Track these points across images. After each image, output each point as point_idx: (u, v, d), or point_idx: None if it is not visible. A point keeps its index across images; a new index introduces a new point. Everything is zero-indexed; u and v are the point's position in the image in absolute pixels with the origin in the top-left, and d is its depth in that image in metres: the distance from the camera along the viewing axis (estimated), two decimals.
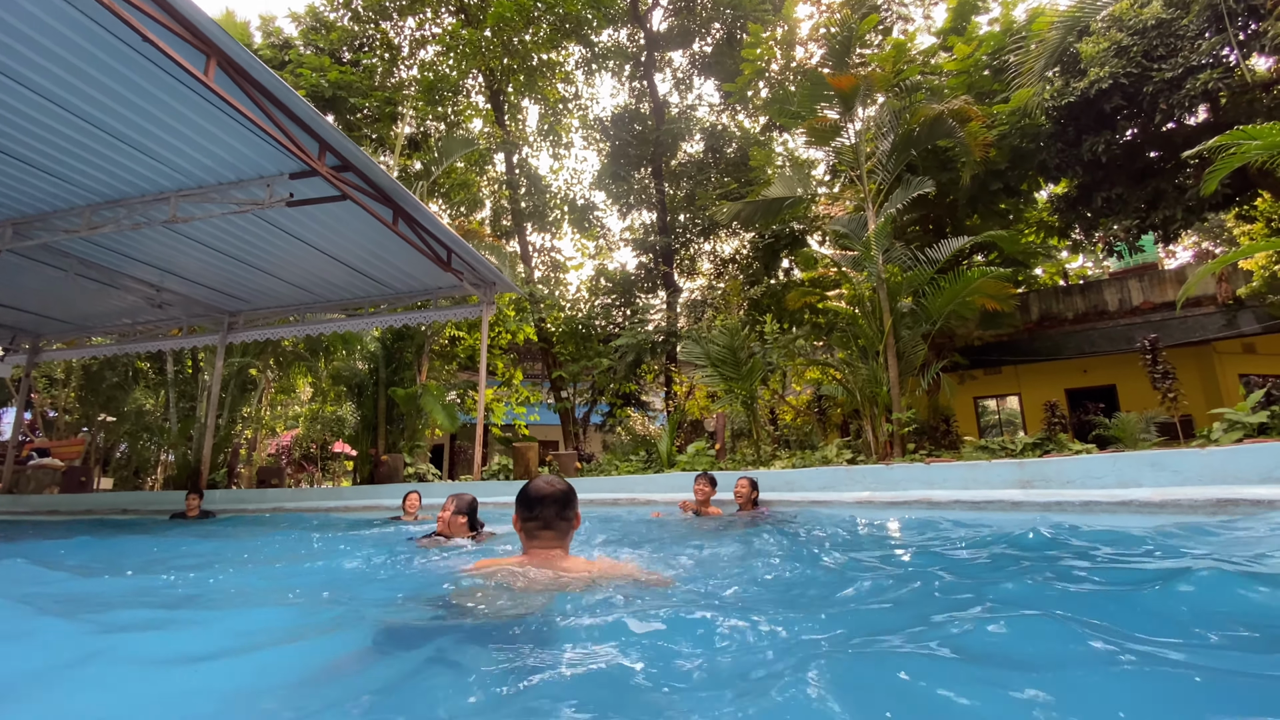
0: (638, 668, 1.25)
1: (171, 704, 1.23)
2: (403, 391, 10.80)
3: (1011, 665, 1.21)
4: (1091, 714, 0.97)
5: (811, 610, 1.91)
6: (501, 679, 1.22)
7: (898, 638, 1.38)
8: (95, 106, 5.69)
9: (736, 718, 0.99)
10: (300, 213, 7.55)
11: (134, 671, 1.41)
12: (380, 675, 1.37)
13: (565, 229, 20.84)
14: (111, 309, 10.68)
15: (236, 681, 1.35)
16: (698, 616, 1.62)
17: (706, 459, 9.70)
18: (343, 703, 1.18)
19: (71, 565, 3.61)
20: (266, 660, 1.50)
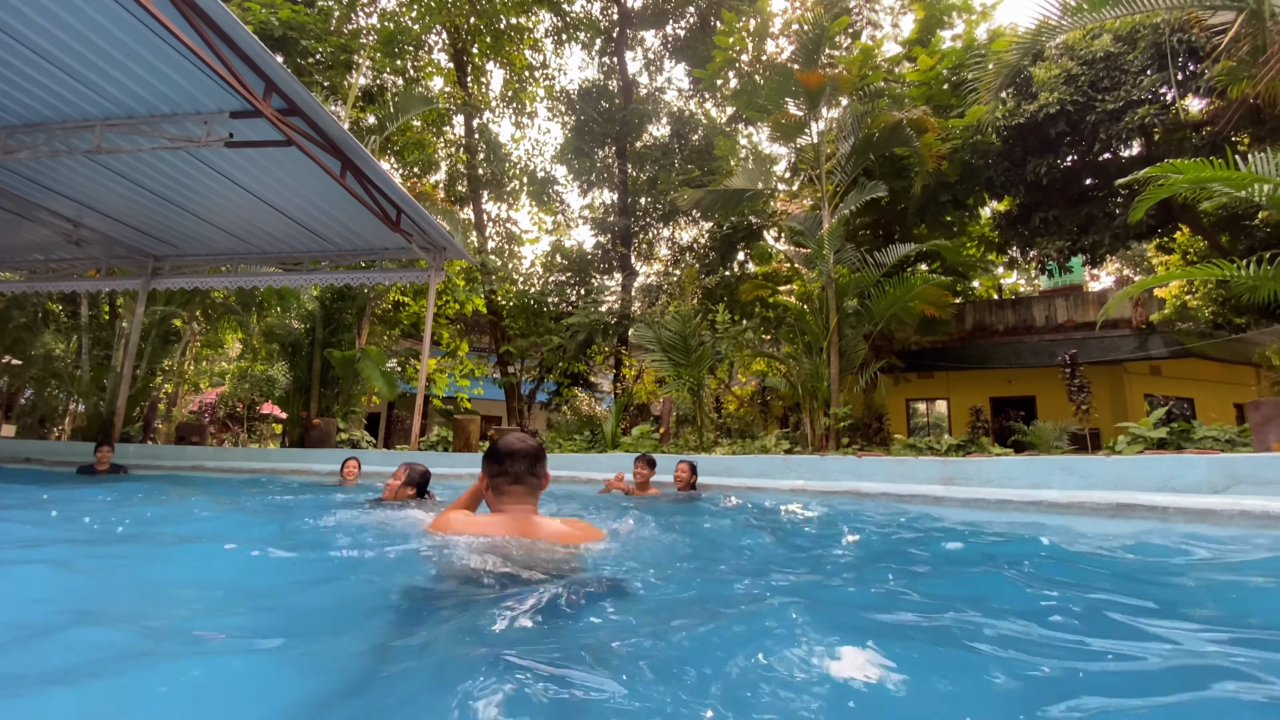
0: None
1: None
2: (340, 354, 10.39)
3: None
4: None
5: (719, 575, 1.98)
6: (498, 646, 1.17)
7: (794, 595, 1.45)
8: (18, 19, 5.16)
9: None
10: (240, 155, 7.11)
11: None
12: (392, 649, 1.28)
13: (523, 201, 20.45)
14: (21, 243, 9.81)
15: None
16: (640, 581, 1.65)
17: (651, 441, 9.79)
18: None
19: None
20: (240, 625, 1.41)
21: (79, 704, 0.90)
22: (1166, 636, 1.33)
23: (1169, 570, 2.32)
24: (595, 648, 1.14)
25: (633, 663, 1.07)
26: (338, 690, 0.93)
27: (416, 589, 1.57)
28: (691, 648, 1.18)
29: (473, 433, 10.45)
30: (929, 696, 0.98)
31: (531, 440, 2.13)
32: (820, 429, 8.63)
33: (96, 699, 0.90)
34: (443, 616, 1.34)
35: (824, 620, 1.35)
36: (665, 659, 1.10)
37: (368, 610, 1.42)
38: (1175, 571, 2.30)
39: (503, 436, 2.16)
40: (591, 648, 1.14)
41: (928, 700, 0.97)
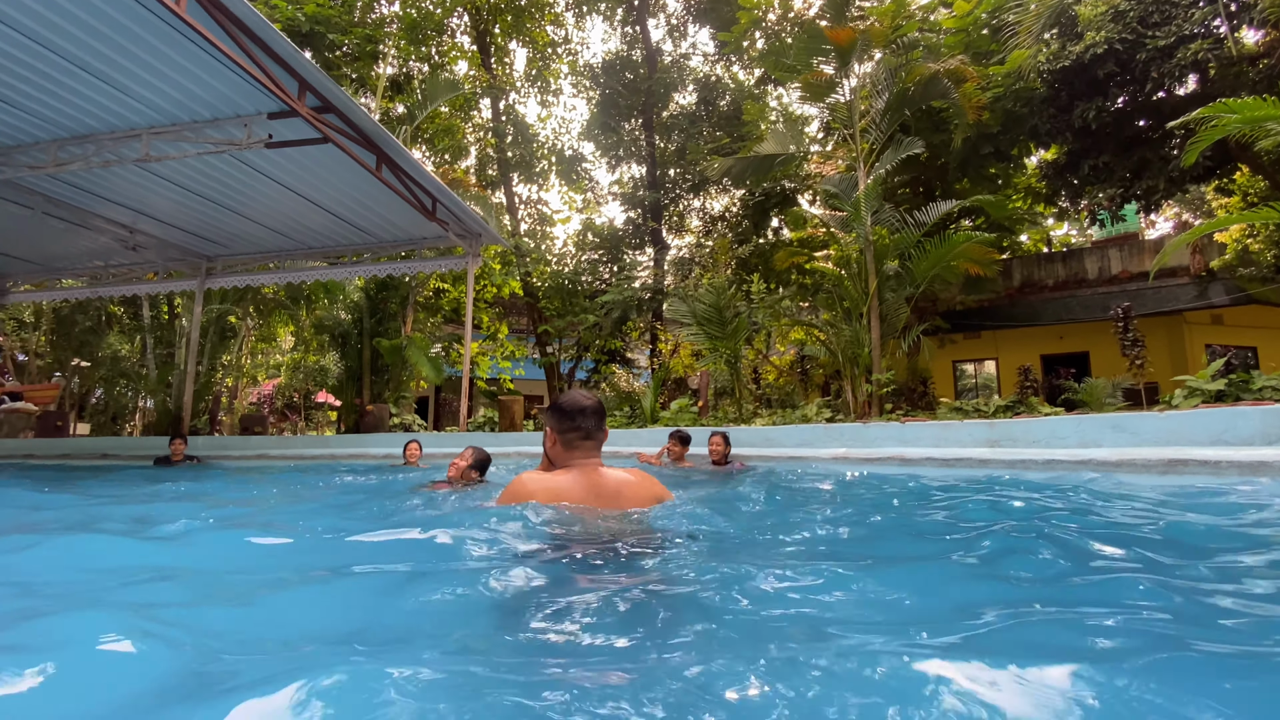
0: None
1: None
2: (387, 343, 10.74)
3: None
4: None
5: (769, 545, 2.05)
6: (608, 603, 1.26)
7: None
8: (60, 35, 5.41)
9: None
10: (280, 155, 7.33)
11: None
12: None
13: (552, 180, 20.46)
14: (82, 250, 10.38)
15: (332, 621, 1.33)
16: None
17: (689, 415, 9.87)
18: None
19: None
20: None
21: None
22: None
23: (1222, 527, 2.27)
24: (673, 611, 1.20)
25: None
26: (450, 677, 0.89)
27: (507, 569, 1.53)
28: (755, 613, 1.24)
29: (517, 413, 10.71)
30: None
31: (594, 396, 2.19)
32: (862, 396, 8.54)
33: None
34: (535, 600, 1.33)
35: (870, 585, 1.40)
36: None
37: (464, 597, 1.35)
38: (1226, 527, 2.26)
39: (567, 394, 2.19)
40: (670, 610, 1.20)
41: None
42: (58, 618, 1.16)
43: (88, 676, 0.91)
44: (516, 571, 1.49)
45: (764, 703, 0.79)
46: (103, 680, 0.90)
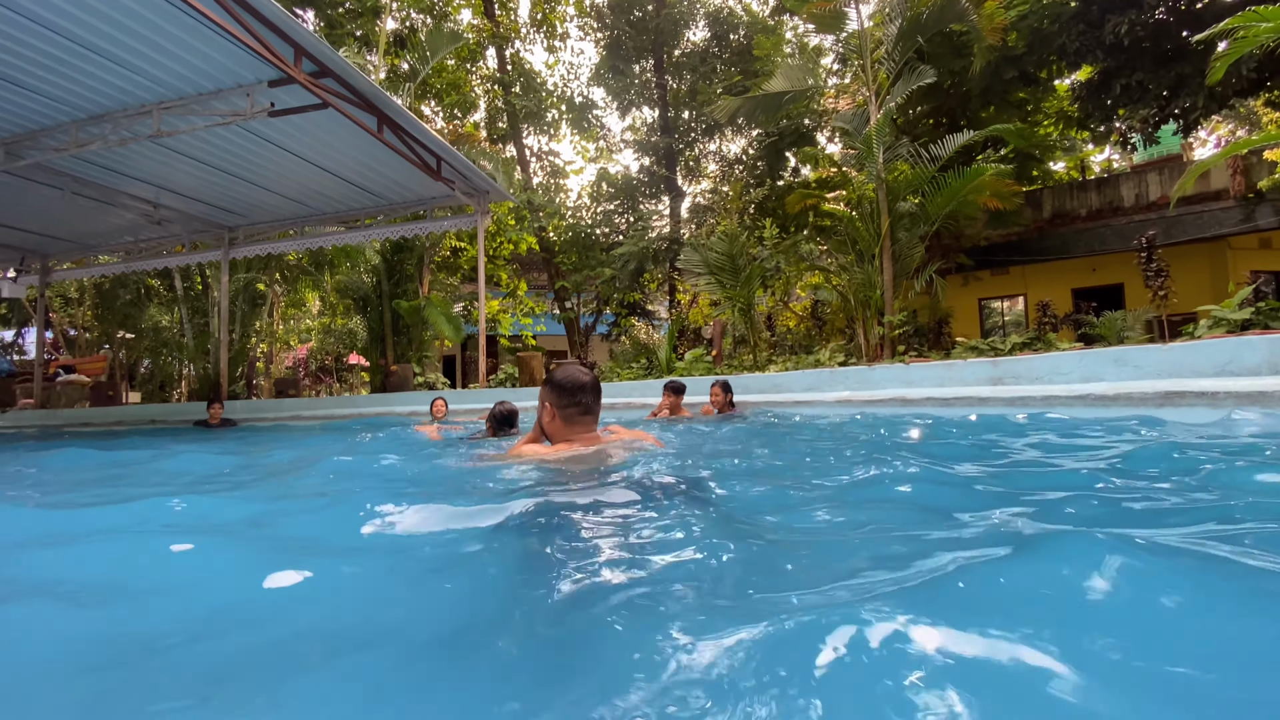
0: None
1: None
2: (406, 304, 11.00)
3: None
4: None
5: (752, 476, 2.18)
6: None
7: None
8: (66, 19, 5.51)
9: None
10: (286, 124, 7.41)
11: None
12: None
13: (564, 130, 20.12)
14: (112, 227, 10.76)
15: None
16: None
17: (704, 365, 9.97)
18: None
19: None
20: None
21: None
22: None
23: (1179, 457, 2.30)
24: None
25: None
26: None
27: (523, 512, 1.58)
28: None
29: (536, 368, 10.95)
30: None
31: (591, 373, 2.27)
32: (874, 339, 8.50)
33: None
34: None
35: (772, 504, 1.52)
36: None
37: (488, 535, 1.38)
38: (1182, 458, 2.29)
39: (562, 369, 2.26)
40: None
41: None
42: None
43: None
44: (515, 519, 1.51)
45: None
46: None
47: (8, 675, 0.78)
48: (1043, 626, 0.69)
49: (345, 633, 0.90)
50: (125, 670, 0.80)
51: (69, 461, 4.04)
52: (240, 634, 0.90)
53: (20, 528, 1.61)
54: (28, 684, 0.77)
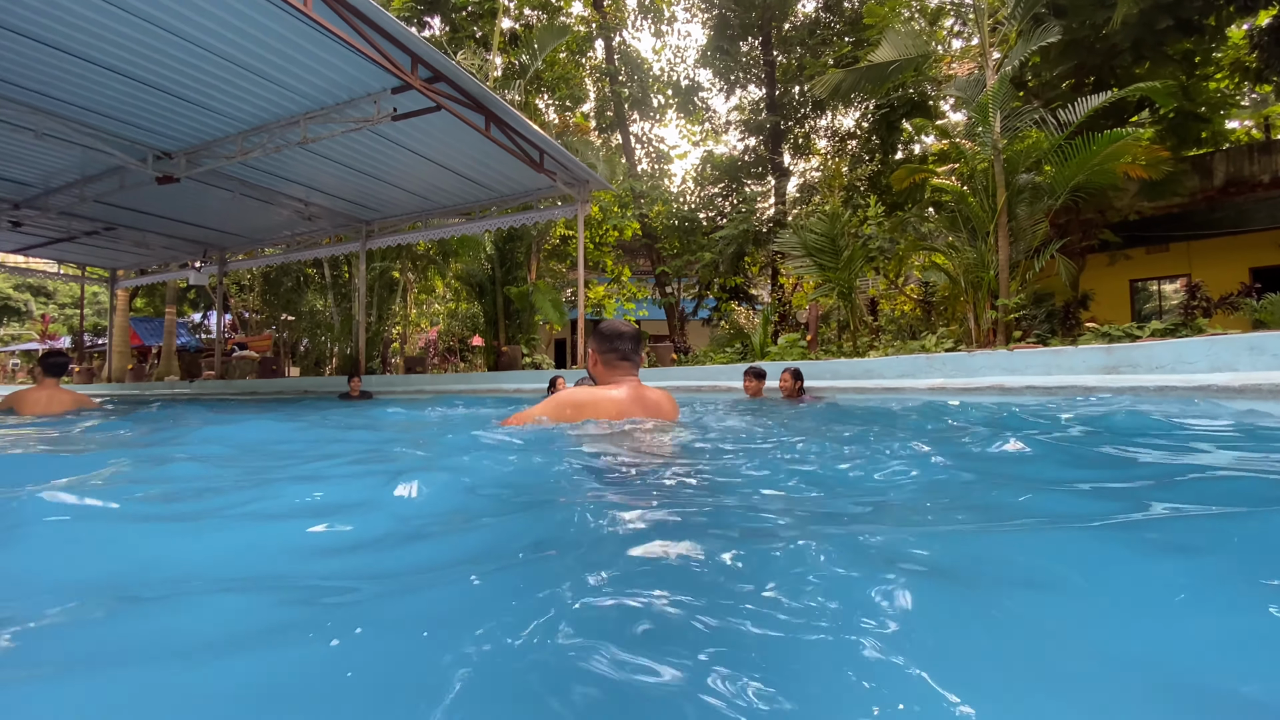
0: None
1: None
2: (516, 290, 11.75)
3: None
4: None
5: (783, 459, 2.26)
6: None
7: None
8: (229, 45, 6.48)
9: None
10: (409, 126, 8.18)
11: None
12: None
13: (670, 115, 20.20)
14: (273, 223, 12.43)
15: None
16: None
17: (798, 350, 9.79)
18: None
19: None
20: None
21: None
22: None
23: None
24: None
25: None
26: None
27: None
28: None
29: None
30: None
31: (632, 325, 2.53)
32: (986, 324, 7.91)
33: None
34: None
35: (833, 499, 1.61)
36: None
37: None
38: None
39: (606, 321, 2.53)
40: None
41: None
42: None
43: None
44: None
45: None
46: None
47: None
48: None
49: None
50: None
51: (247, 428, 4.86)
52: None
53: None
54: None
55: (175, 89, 7.30)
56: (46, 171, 9.49)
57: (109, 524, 1.28)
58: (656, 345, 11.74)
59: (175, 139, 8.59)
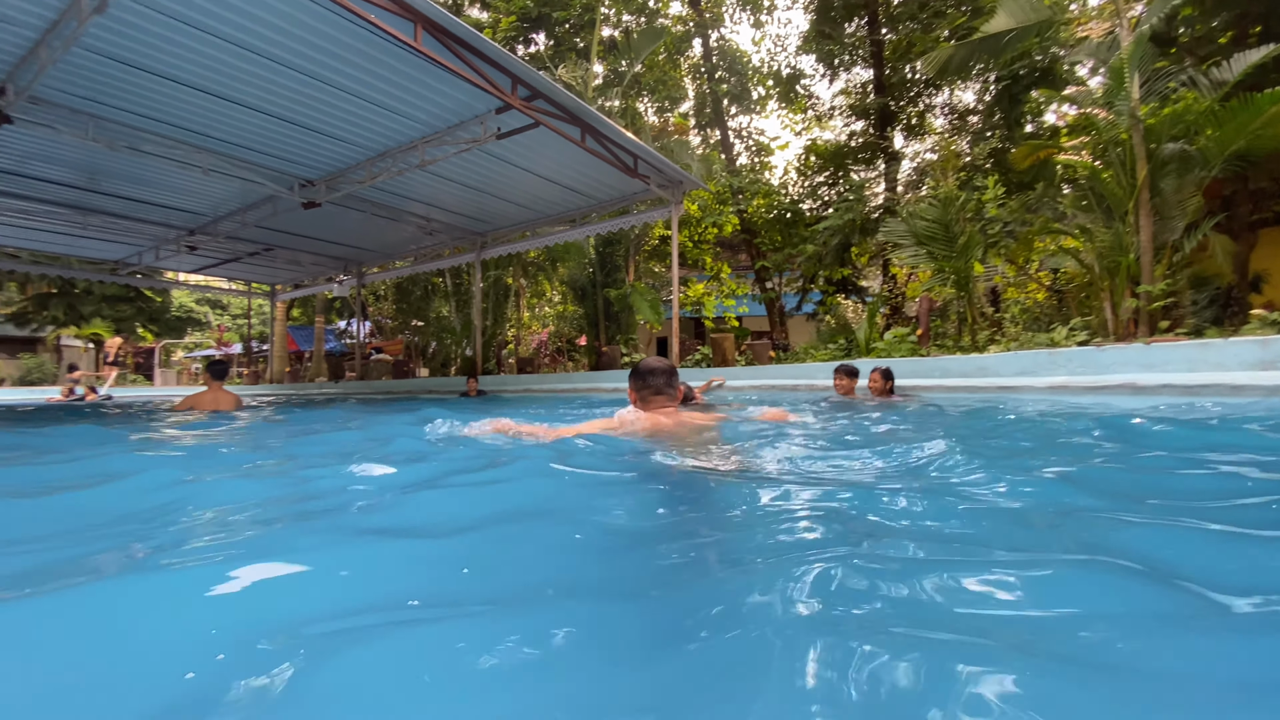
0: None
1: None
2: (614, 292, 12.10)
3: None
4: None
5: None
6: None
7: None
8: (355, 81, 7.26)
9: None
10: (512, 143, 8.71)
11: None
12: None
13: (770, 106, 19.77)
14: (401, 238, 13.67)
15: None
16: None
17: (907, 345, 9.29)
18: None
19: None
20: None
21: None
22: None
23: None
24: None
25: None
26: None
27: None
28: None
29: (728, 349, 11.25)
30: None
31: (666, 361, 2.78)
32: (1125, 313, 7.07)
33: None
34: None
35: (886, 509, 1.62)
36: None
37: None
38: None
39: (643, 361, 2.79)
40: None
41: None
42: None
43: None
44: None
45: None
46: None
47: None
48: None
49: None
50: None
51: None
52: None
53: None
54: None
55: (313, 124, 8.28)
56: (214, 202, 11.11)
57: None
58: (754, 343, 11.59)
59: (315, 168, 9.73)
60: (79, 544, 1.29)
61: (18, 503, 1.65)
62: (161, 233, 12.83)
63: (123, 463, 2.53)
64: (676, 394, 2.72)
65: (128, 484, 1.84)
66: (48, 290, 22.55)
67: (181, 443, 3.59)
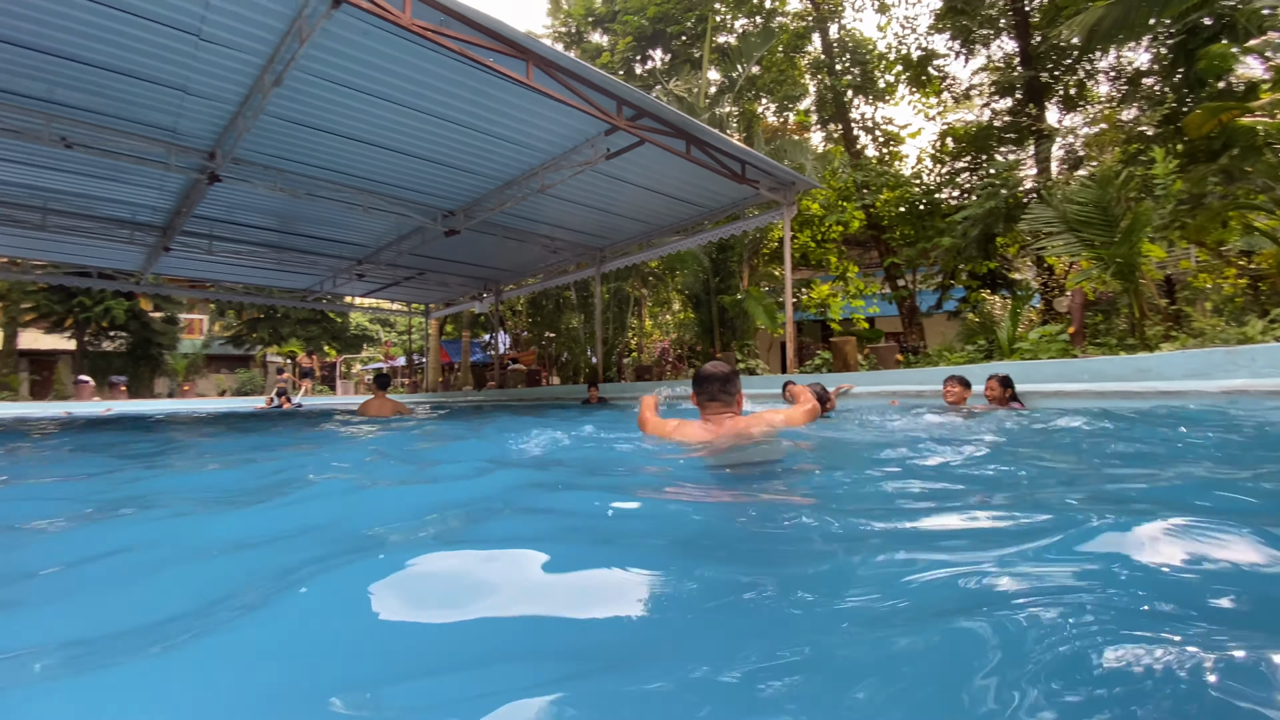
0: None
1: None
2: (728, 298, 12.06)
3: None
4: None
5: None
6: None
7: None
8: (480, 120, 8.01)
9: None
10: (622, 161, 9.07)
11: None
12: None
13: (900, 92, 18.57)
14: (529, 259, 14.69)
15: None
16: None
17: (1057, 345, 8.32)
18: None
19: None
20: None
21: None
22: None
23: None
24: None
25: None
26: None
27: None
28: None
29: (849, 353, 10.75)
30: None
31: (724, 366, 2.81)
32: None
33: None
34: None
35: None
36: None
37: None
38: None
39: (702, 366, 2.85)
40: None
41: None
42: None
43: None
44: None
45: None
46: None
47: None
48: None
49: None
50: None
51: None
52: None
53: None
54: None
55: (449, 160, 9.22)
56: (375, 235, 12.70)
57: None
58: (878, 347, 10.95)
59: (453, 199, 10.79)
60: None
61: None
62: (337, 264, 14.90)
63: (333, 455, 3.14)
64: (734, 400, 2.73)
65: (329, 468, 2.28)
66: (256, 316, 27.02)
67: (358, 439, 4.36)
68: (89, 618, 1.07)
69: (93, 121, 7.60)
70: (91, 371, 22.17)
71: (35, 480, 3.16)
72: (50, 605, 1.16)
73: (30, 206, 10.51)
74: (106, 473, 3.21)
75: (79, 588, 1.26)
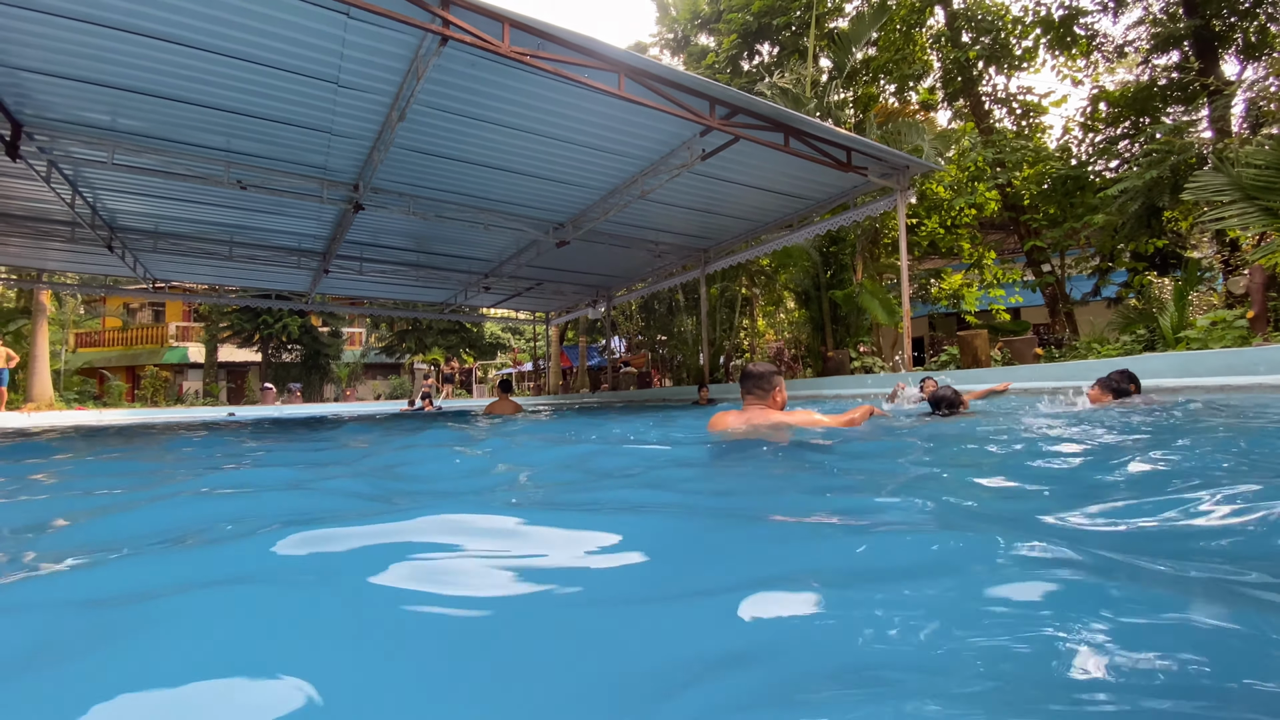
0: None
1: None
2: (840, 294, 11.55)
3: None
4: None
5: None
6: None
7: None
8: (581, 135, 8.39)
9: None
10: (719, 159, 9.06)
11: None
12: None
13: (1040, 57, 16.70)
14: (638, 262, 15.04)
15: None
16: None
17: (1234, 332, 7.12)
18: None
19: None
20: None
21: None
22: None
23: None
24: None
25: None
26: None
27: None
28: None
29: (980, 348, 9.89)
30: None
31: (764, 366, 3.35)
32: None
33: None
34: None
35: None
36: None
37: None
38: None
39: (748, 364, 3.32)
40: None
41: None
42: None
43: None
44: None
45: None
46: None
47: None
48: None
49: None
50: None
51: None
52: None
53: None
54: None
55: (556, 176, 9.74)
56: (497, 250, 13.67)
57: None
58: (1012, 341, 9.96)
59: (562, 212, 11.35)
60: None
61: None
62: (466, 278, 16.22)
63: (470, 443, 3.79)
64: (768, 395, 3.23)
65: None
66: (404, 327, 30.03)
67: (483, 436, 4.97)
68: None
69: (261, 165, 8.95)
70: (274, 379, 25.88)
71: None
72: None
73: (220, 240, 12.55)
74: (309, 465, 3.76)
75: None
